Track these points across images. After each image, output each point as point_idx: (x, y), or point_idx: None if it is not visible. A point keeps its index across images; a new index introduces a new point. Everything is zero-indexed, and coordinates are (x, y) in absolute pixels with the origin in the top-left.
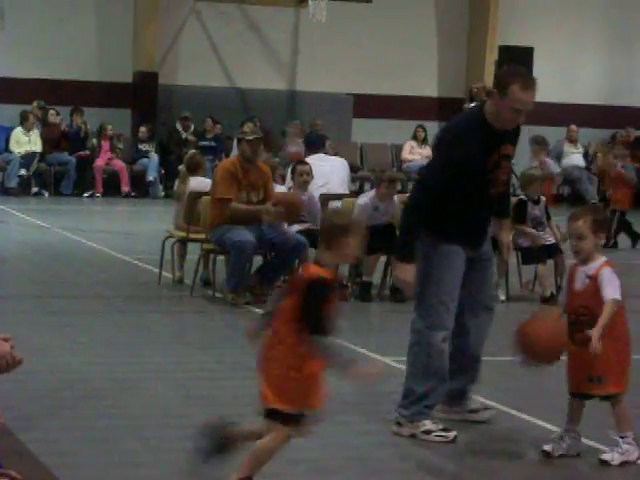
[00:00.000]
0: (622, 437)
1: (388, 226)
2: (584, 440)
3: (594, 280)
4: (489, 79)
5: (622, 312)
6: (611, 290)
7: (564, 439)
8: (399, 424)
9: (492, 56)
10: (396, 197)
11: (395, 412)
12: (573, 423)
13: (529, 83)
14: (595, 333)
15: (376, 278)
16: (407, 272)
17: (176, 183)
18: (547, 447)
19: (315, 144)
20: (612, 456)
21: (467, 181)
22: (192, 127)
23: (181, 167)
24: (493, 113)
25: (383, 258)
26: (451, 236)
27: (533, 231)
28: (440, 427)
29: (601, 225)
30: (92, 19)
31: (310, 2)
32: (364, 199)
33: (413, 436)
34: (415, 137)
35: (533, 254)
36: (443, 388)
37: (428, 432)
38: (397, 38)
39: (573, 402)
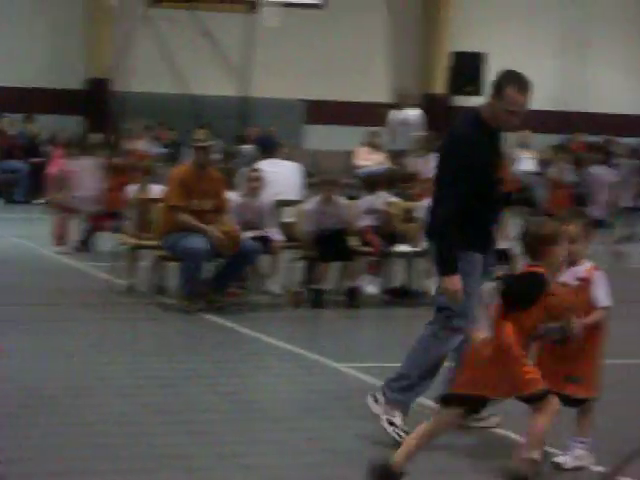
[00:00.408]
0: (580, 442)
1: (338, 232)
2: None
3: (586, 282)
4: (441, 85)
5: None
6: (604, 296)
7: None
8: (375, 399)
9: (445, 62)
10: (343, 200)
11: (378, 389)
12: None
13: (524, 85)
14: (579, 323)
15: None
16: (454, 282)
17: (130, 190)
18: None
19: (268, 147)
20: (565, 459)
21: (484, 184)
22: (150, 134)
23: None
24: (490, 114)
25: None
26: (472, 242)
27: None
28: (405, 428)
29: (592, 229)
30: (44, 26)
31: (263, 8)
32: (309, 205)
33: (376, 416)
34: (368, 143)
35: None
36: (426, 390)
37: (392, 424)
38: (350, 44)
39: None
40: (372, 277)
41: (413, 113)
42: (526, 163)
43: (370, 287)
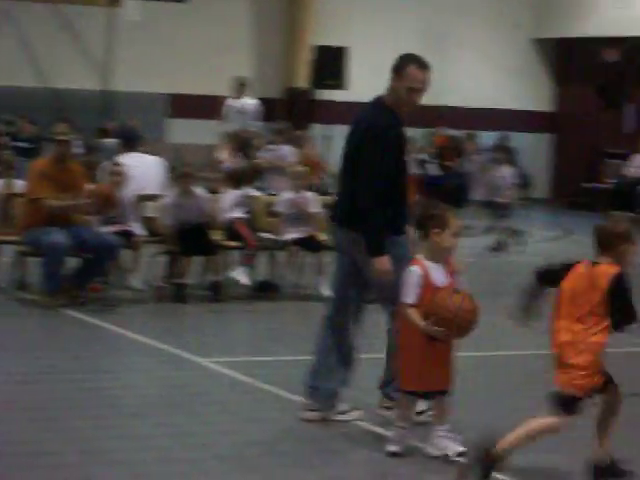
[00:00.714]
0: (441, 431)
1: (200, 226)
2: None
3: (454, 275)
4: (304, 79)
5: None
6: (466, 286)
7: (407, 436)
8: (389, 408)
9: (308, 56)
10: (203, 193)
11: (383, 396)
12: (409, 421)
13: (424, 64)
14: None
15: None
16: (384, 262)
17: None
18: (394, 448)
19: (130, 141)
20: (433, 450)
21: (398, 169)
22: (11, 129)
23: None
24: (393, 99)
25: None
26: (395, 225)
27: None
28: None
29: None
30: None
31: (125, 2)
32: (167, 199)
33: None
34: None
35: None
36: None
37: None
38: (213, 37)
39: (411, 400)
40: (245, 268)
41: (250, 102)
42: None
43: (243, 278)
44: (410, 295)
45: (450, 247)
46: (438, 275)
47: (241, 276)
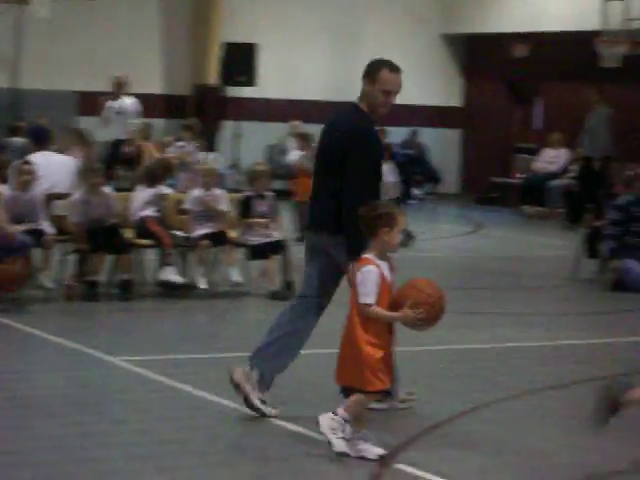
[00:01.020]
0: (360, 434)
1: (110, 225)
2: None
3: (394, 271)
4: (213, 75)
5: None
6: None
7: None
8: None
9: (217, 53)
10: (109, 190)
11: None
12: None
13: (395, 67)
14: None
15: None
16: None
17: None
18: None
19: (40, 138)
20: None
21: (378, 175)
22: None
23: None
24: (367, 103)
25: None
26: None
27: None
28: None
29: None
30: None
31: None
32: (75, 195)
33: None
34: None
35: (259, 250)
36: None
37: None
38: (121, 35)
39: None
40: (171, 267)
41: (129, 101)
42: (297, 153)
43: (175, 277)
44: (372, 295)
45: (398, 245)
46: (387, 272)
47: (171, 276)
